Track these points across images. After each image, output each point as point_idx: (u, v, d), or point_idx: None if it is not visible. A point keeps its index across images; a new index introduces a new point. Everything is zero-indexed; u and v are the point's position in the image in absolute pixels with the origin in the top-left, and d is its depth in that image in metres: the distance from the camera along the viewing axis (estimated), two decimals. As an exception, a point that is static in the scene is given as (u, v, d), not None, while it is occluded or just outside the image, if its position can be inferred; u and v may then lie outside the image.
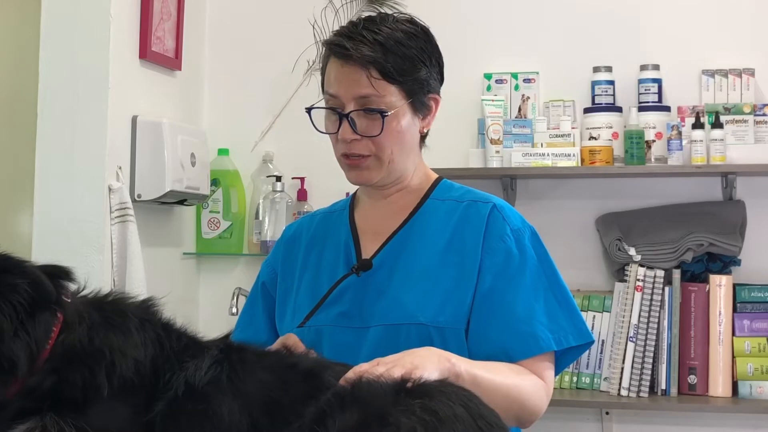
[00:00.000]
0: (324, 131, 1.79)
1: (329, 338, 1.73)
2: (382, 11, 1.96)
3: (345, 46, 1.71)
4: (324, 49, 1.79)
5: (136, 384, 1.38)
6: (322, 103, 1.79)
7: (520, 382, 1.65)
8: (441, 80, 1.83)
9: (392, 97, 1.73)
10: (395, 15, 1.81)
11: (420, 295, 1.72)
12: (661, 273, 2.93)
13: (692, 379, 2.92)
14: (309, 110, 1.80)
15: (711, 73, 3.06)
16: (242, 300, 3.03)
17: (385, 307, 1.72)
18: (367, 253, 1.79)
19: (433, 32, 1.82)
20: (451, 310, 1.70)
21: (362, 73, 1.71)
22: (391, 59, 1.71)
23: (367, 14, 1.84)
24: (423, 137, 1.83)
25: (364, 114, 1.72)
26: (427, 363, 1.48)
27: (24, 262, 1.40)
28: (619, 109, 3.08)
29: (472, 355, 1.69)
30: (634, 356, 2.90)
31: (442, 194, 1.83)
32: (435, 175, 1.88)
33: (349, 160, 1.76)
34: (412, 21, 1.80)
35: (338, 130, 1.74)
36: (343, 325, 1.74)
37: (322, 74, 1.80)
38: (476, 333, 1.70)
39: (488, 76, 3.20)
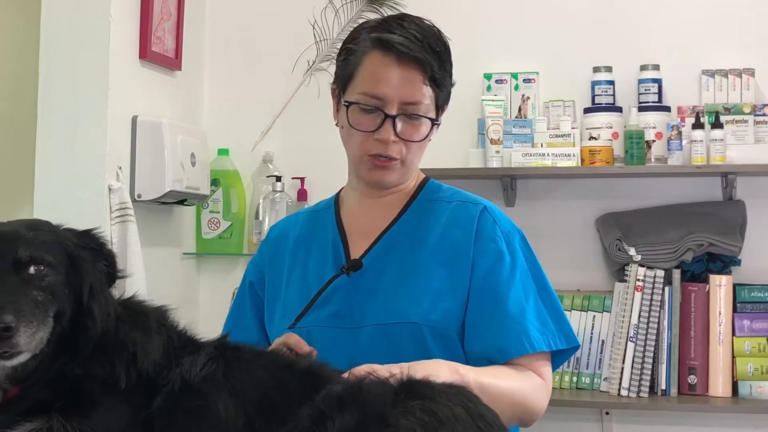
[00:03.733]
0: (357, 128, 1.73)
1: (320, 339, 1.71)
2: (382, 11, 1.95)
3: (406, 45, 1.67)
4: (365, 41, 1.71)
5: (145, 386, 1.38)
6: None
7: (523, 385, 1.66)
8: None
9: (429, 102, 1.72)
10: (424, 20, 1.77)
11: (411, 294, 1.72)
12: (661, 273, 2.92)
13: (692, 379, 2.91)
14: (348, 105, 1.72)
15: (711, 73, 3.06)
16: (242, 300, 3.03)
17: (376, 306, 1.72)
18: (355, 252, 1.79)
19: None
20: (442, 309, 1.71)
21: (419, 76, 1.68)
22: (437, 65, 1.70)
23: (367, 14, 1.83)
24: None
25: (408, 118, 1.71)
26: (439, 374, 1.46)
27: (106, 243, 1.51)
28: (619, 109, 3.07)
29: (468, 354, 1.70)
30: (634, 356, 2.90)
31: (430, 194, 1.83)
32: (422, 175, 1.88)
33: (378, 161, 1.74)
34: (435, 27, 1.77)
35: (376, 129, 1.70)
36: (334, 326, 1.74)
37: (353, 69, 1.72)
38: (470, 332, 1.71)
39: (488, 76, 3.20)
